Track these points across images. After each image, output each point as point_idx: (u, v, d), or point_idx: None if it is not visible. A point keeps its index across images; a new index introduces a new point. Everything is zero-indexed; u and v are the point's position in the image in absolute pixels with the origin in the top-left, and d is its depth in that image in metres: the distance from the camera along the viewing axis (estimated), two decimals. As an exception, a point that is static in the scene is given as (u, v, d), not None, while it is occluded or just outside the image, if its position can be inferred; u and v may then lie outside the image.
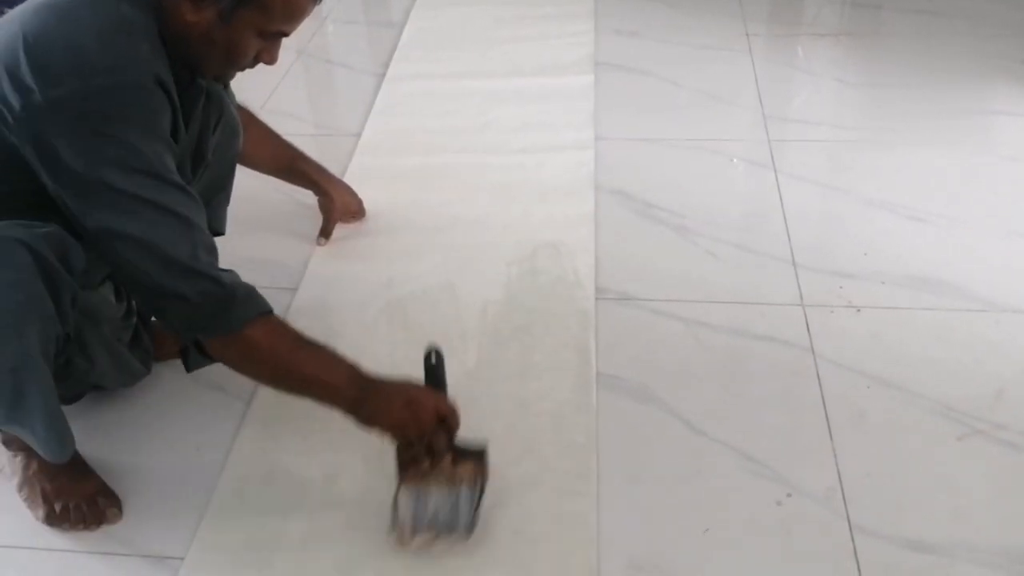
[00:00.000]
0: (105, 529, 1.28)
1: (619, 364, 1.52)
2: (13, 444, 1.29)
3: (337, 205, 1.78)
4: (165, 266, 1.11)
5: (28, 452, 1.28)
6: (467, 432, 1.25)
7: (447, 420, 1.23)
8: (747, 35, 2.55)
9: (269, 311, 1.20)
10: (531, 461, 1.35)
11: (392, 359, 1.53)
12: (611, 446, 1.37)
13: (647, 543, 1.24)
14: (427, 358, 1.29)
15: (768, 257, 1.74)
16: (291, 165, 1.72)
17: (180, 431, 1.43)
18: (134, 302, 1.40)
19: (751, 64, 2.41)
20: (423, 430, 1.21)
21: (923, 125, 2.13)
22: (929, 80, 2.31)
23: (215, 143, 1.39)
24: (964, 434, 1.37)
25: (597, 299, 1.65)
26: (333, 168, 1.87)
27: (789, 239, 1.77)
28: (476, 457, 1.24)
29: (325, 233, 1.79)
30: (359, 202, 1.84)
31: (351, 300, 1.67)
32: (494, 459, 1.27)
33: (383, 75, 2.43)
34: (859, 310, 1.60)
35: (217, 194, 1.51)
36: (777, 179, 1.95)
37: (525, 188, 1.95)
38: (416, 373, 1.50)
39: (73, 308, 1.15)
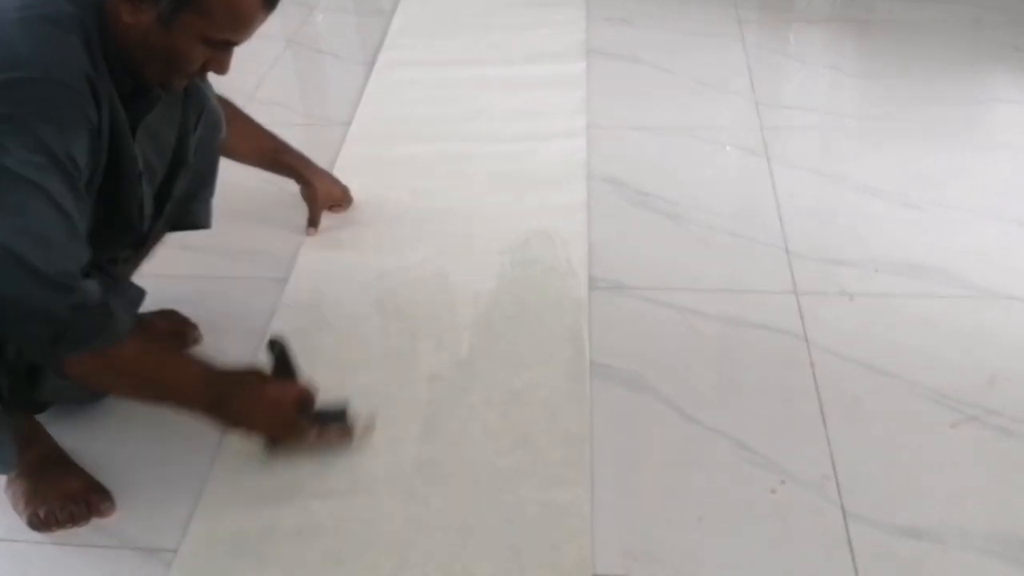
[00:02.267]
0: (96, 523, 1.27)
1: (612, 353, 1.51)
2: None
3: (320, 194, 1.76)
4: (36, 275, 1.03)
5: (26, 444, 1.27)
6: (458, 422, 1.25)
7: (307, 404, 1.29)
8: (739, 21, 2.54)
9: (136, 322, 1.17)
10: (524, 451, 1.34)
11: (385, 350, 1.53)
12: (605, 435, 1.37)
13: (641, 532, 1.23)
14: (270, 348, 1.32)
15: (761, 244, 1.73)
16: (274, 156, 1.70)
17: (170, 423, 1.41)
18: None
19: (743, 51, 2.40)
20: (292, 429, 1.29)
21: (917, 112, 2.12)
22: (923, 66, 2.30)
23: (197, 140, 1.38)
24: (957, 420, 1.37)
25: (590, 288, 1.64)
26: (323, 157, 1.86)
27: (782, 226, 1.77)
28: (339, 418, 1.33)
29: (313, 223, 1.78)
30: (343, 190, 1.82)
31: (343, 291, 1.66)
32: (486, 451, 1.26)
33: (373, 63, 2.41)
34: (852, 297, 1.60)
35: (201, 189, 1.49)
36: (770, 166, 1.95)
37: (517, 177, 1.94)
38: (409, 368, 1.50)
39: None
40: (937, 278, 1.63)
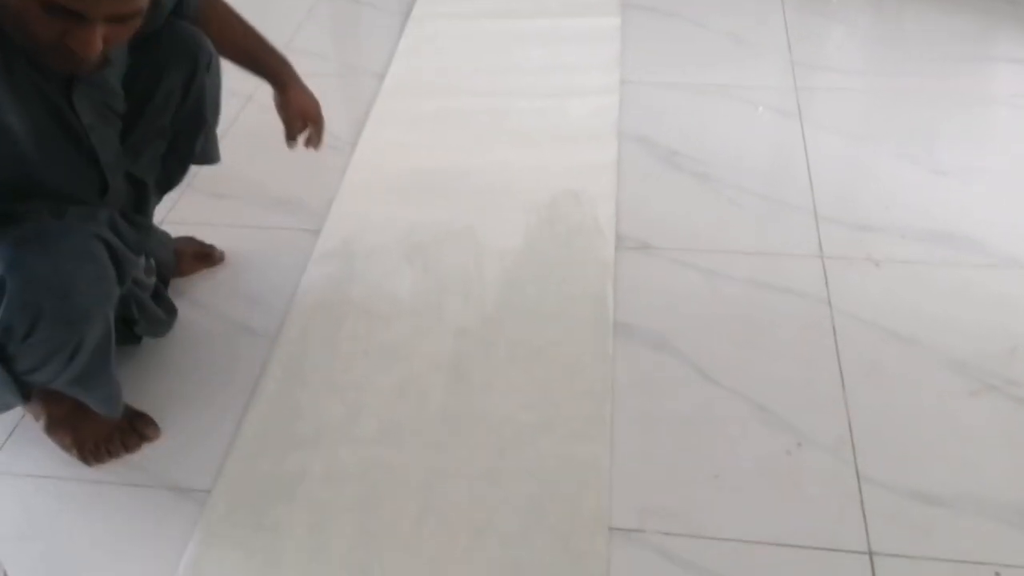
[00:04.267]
0: (137, 459, 1.33)
1: (637, 313, 1.53)
2: (33, 395, 1.28)
3: (294, 107, 1.58)
4: None
5: (49, 399, 1.32)
6: (483, 376, 1.27)
7: None
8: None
9: None
10: (546, 406, 1.38)
11: (413, 304, 1.56)
12: (625, 393, 1.40)
13: (658, 488, 1.27)
14: None
15: (790, 208, 1.73)
16: (253, 55, 1.52)
17: (206, 370, 1.47)
18: (152, 260, 1.44)
19: (781, 7, 2.37)
20: None
21: (953, 75, 2.10)
22: (962, 28, 2.26)
23: (197, 88, 1.39)
24: (977, 389, 1.38)
25: (617, 248, 1.66)
26: (357, 109, 1.88)
27: (812, 190, 1.77)
28: None
29: (290, 136, 1.60)
30: (317, 109, 1.62)
31: (373, 244, 1.69)
32: (510, 405, 1.32)
33: (408, 14, 2.41)
34: (878, 264, 1.60)
35: (203, 127, 1.47)
36: (803, 128, 1.94)
37: (548, 133, 1.95)
38: (436, 322, 1.53)
39: (130, 280, 1.26)
40: (964, 246, 1.63)
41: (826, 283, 1.57)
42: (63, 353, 1.16)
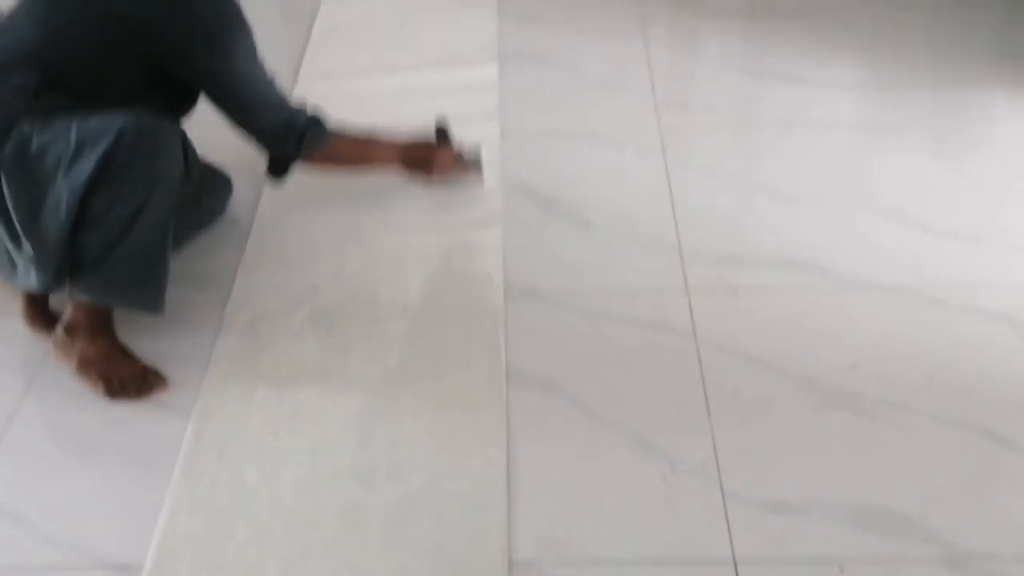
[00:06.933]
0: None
1: (527, 357, 1.69)
2: (75, 332, 1.65)
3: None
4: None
5: (88, 337, 1.65)
6: (388, 430, 1.42)
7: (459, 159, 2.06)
8: (642, 16, 2.68)
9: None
10: (449, 453, 1.52)
11: (320, 366, 1.69)
12: (520, 435, 1.56)
13: (552, 522, 1.43)
14: (437, 124, 2.06)
15: (658, 246, 1.91)
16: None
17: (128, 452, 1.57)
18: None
19: (645, 49, 2.55)
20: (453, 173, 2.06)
21: (803, 106, 2.31)
22: (811, 61, 2.49)
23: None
24: (822, 404, 1.59)
25: (506, 296, 1.81)
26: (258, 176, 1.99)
27: (676, 228, 1.95)
28: (475, 160, 2.08)
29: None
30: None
31: (278, 307, 1.81)
32: (415, 455, 1.47)
33: (296, 72, 2.52)
34: (737, 293, 1.80)
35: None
36: (666, 167, 2.12)
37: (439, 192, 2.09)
38: (342, 381, 1.66)
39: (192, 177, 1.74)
40: (810, 270, 1.84)
41: (691, 315, 1.75)
42: (130, 203, 1.55)
